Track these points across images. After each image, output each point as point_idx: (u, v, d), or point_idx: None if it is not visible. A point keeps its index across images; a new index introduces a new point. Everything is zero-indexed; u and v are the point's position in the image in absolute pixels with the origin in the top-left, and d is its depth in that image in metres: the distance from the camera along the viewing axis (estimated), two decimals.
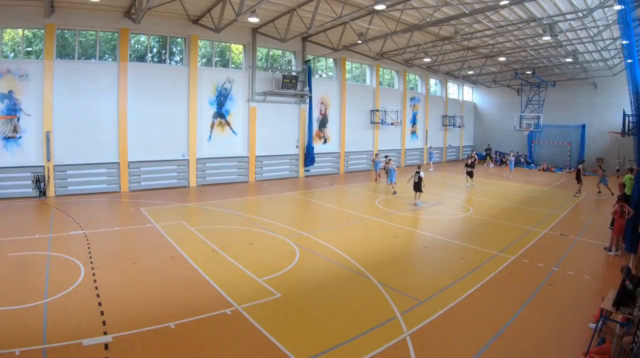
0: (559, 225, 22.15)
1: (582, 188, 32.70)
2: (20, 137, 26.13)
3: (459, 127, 57.44)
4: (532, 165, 53.34)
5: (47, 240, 17.41)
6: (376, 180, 37.29)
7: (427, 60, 44.48)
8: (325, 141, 41.53)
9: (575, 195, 31.35)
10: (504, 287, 13.40)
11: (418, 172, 25.90)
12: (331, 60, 42.54)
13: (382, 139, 47.10)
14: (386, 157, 35.67)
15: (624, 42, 23.00)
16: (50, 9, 25.67)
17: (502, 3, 23.88)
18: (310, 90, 38.05)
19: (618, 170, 43.83)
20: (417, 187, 26.04)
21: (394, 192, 30.19)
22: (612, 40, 33.79)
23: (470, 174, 34.31)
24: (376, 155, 39.03)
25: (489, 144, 58.33)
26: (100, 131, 28.64)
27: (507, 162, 46.47)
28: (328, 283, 13.49)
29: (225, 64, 35.33)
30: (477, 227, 21.44)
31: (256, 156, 35.88)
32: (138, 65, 30.40)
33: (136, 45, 31.39)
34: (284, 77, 35.95)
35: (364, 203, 28.28)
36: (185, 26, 31.43)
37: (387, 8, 27.70)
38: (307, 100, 38.61)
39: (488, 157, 56.23)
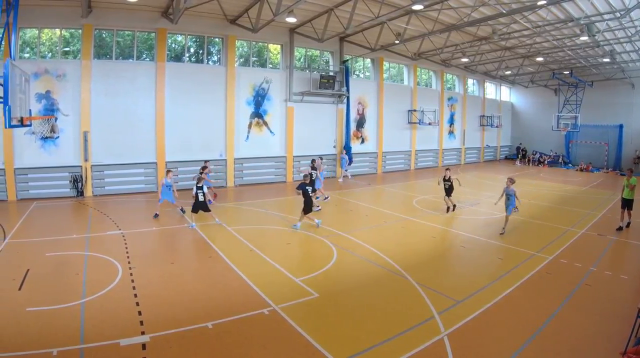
0: (597, 225, 21.52)
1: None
2: (58, 137, 25.85)
3: (497, 127, 56.04)
4: (570, 165, 52.08)
5: (84, 240, 17.17)
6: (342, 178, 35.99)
7: (465, 60, 43.75)
8: (362, 141, 40.71)
9: None
10: (542, 287, 13.11)
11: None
12: (369, 60, 41.73)
13: (420, 139, 46.11)
14: (313, 161, 27.28)
15: None
16: (87, 9, 25.36)
17: (539, 3, 23.33)
18: (347, 90, 37.36)
19: None
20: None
21: (317, 207, 24.16)
22: None
23: (447, 192, 24.35)
24: (344, 151, 36.93)
25: (520, 143, 57.80)
26: (137, 131, 28.30)
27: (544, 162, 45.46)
28: (365, 283, 13.28)
29: (262, 64, 34.77)
30: (514, 227, 20.68)
31: (294, 156, 35.27)
32: (175, 65, 30.01)
33: (173, 45, 30.87)
34: (322, 77, 35.29)
35: (402, 203, 27.58)
36: (222, 26, 30.95)
37: (424, 8, 27.16)
38: (345, 100, 37.94)
39: (519, 157, 55.71)
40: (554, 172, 46.24)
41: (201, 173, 23.14)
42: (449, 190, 23.95)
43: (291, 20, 28.17)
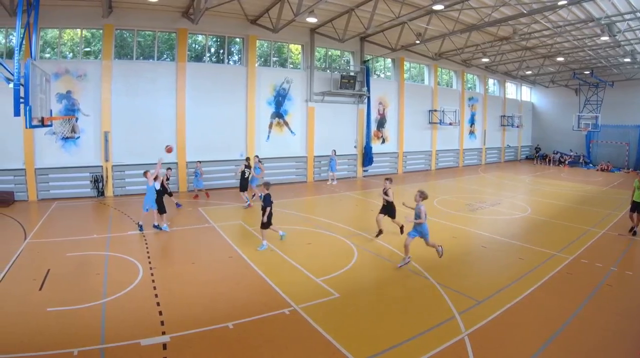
0: (617, 225, 21.08)
1: None
2: (78, 137, 25.80)
3: (517, 127, 55.31)
4: (591, 165, 51.51)
5: (105, 240, 17.08)
6: (331, 181, 34.13)
7: (486, 60, 43.55)
8: (383, 141, 40.27)
9: None
10: (562, 287, 12.92)
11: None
12: (389, 60, 41.26)
13: (440, 139, 45.61)
14: (256, 157, 26.66)
15: None
16: (108, 9, 25.34)
17: (560, 3, 23.24)
18: (368, 90, 36.96)
19: None
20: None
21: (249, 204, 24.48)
22: None
23: (387, 211, 18.13)
24: (334, 152, 34.47)
25: (538, 144, 57.90)
26: (158, 131, 28.07)
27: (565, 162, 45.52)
28: (386, 283, 13.19)
29: (283, 64, 34.51)
30: (535, 227, 20.63)
31: (314, 156, 34.96)
32: (196, 65, 29.79)
33: (194, 45, 30.64)
34: (342, 77, 34.99)
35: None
36: (243, 26, 30.72)
37: (445, 8, 27.06)
38: (366, 100, 37.49)
39: (536, 157, 56.13)
40: (575, 172, 46.04)
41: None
42: (388, 209, 17.99)
43: (312, 20, 28.13)
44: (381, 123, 40.02)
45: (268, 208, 16.07)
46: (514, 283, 13.03)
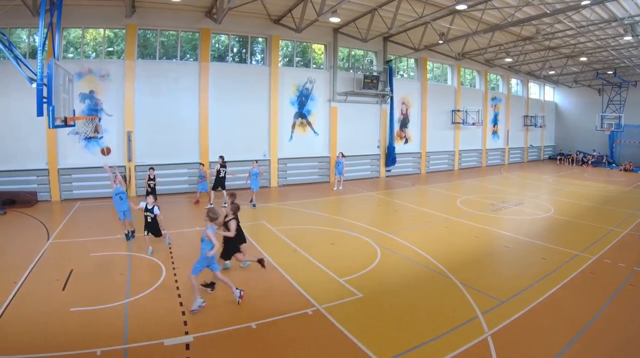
0: None
1: None
2: (101, 137, 25.66)
3: (541, 127, 54.66)
4: (614, 165, 50.73)
5: None
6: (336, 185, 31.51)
7: (509, 60, 42.94)
8: (406, 141, 39.72)
9: None
10: (585, 287, 12.89)
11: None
12: (412, 60, 40.70)
13: (463, 139, 44.97)
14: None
15: None
16: (131, 9, 25.23)
17: (583, 3, 22.92)
18: (391, 90, 36.44)
19: None
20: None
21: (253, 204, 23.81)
22: None
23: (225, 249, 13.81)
24: (341, 154, 32.06)
25: (561, 150, 57.47)
26: (181, 131, 27.95)
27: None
28: (409, 284, 13.10)
29: (306, 64, 34.12)
30: (558, 227, 20.59)
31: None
32: (219, 65, 29.52)
33: (217, 45, 30.31)
34: (365, 77, 34.58)
35: (445, 203, 27.14)
36: (266, 26, 30.41)
37: (468, 8, 26.88)
38: (389, 100, 36.99)
39: (560, 156, 55.72)
40: (598, 172, 45.57)
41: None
42: (229, 246, 13.65)
43: (335, 20, 27.79)
44: (404, 123, 39.50)
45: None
46: (537, 283, 12.98)
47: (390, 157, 37.46)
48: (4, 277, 12.76)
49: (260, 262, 13.71)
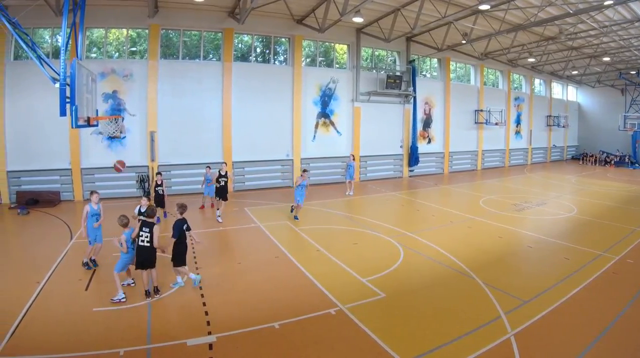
0: None
1: None
2: (124, 137, 25.52)
3: (563, 127, 53.95)
4: (637, 165, 50.05)
5: None
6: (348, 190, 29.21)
7: (532, 60, 42.47)
8: (429, 141, 39.22)
9: None
10: (608, 287, 12.81)
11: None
12: (435, 60, 40.21)
13: (486, 139, 44.34)
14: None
15: None
16: (154, 9, 25.03)
17: (606, 3, 22.79)
18: (414, 90, 36.00)
19: None
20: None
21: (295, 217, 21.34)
22: None
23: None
24: (352, 156, 30.30)
25: (584, 150, 57.04)
26: (204, 131, 27.76)
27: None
28: (432, 283, 13.09)
29: (329, 64, 33.68)
30: (580, 227, 20.48)
31: (360, 156, 34.09)
32: (242, 65, 29.25)
33: (240, 45, 29.95)
34: (389, 77, 34.23)
35: (468, 203, 27.03)
36: (289, 26, 30.08)
37: (491, 8, 26.69)
38: (412, 100, 36.51)
39: (582, 159, 55.17)
40: (621, 172, 45.06)
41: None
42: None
43: (358, 20, 27.49)
44: (427, 123, 39.01)
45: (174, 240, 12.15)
46: (559, 283, 12.91)
47: (413, 157, 37.05)
48: (28, 276, 12.78)
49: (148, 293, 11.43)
